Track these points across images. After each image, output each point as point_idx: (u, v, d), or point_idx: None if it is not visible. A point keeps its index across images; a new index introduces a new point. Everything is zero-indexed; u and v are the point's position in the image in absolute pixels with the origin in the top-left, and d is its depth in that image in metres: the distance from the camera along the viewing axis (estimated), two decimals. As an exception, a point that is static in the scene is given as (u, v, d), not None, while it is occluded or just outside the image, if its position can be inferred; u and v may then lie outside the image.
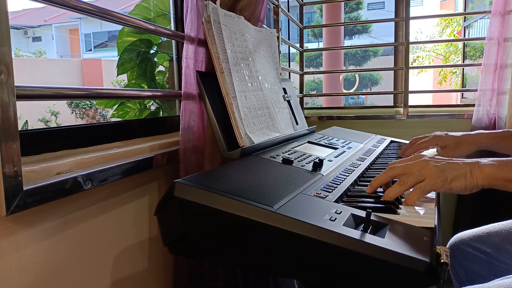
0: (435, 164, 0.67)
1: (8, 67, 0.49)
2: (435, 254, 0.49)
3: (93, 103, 9.66)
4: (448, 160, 0.68)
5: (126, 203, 0.80)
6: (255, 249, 0.57)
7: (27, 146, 0.65)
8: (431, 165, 0.66)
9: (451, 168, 0.66)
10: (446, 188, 0.65)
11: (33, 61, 12.28)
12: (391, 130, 1.89)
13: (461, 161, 0.67)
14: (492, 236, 0.90)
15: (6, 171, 0.49)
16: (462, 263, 0.93)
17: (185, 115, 0.87)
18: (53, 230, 0.62)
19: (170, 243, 0.64)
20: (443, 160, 0.68)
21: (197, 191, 0.56)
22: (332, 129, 1.41)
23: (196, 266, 0.92)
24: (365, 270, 0.51)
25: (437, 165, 0.66)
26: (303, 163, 0.83)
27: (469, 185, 0.65)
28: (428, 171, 0.65)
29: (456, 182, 0.65)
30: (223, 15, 0.96)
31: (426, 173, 0.65)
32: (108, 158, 0.73)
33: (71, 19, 15.31)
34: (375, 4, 15.58)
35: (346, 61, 12.90)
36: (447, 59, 8.97)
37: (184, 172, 0.86)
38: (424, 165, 0.67)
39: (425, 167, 0.66)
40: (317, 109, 2.38)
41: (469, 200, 1.69)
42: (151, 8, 1.40)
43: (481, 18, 3.03)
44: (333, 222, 0.53)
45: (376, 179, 0.69)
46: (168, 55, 1.36)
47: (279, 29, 1.53)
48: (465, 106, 1.93)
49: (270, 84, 1.15)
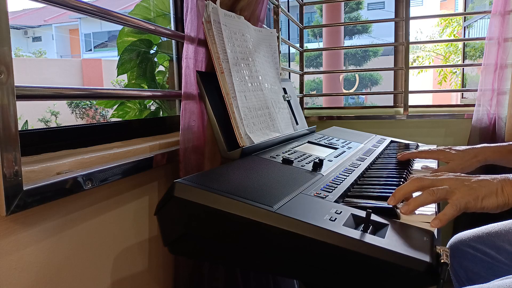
0: (464, 181, 0.64)
1: (8, 67, 0.49)
2: (435, 254, 0.49)
3: (93, 103, 9.66)
4: (475, 177, 0.65)
5: (126, 203, 0.80)
6: (255, 249, 0.57)
7: (27, 146, 0.65)
8: (461, 182, 0.64)
9: (482, 186, 0.63)
10: (478, 207, 0.62)
11: (33, 61, 12.27)
12: (391, 130, 1.89)
13: (490, 178, 0.65)
14: (492, 237, 0.90)
15: (6, 171, 0.49)
16: (462, 263, 0.93)
17: (185, 115, 0.87)
18: (53, 230, 0.62)
19: (170, 243, 0.64)
20: (471, 177, 0.66)
21: (197, 191, 0.56)
22: (332, 129, 1.41)
23: (196, 266, 0.92)
24: (365, 270, 0.51)
25: (466, 183, 0.63)
26: (303, 163, 0.83)
27: (501, 203, 0.62)
28: (459, 187, 0.62)
29: (488, 200, 0.62)
30: (223, 15, 0.96)
31: (457, 189, 0.62)
32: (108, 158, 0.73)
33: (71, 19, 15.30)
34: (375, 4, 15.58)
35: (346, 61, 12.90)
36: (447, 59, 8.97)
37: (184, 172, 0.86)
38: (454, 181, 0.64)
39: (455, 184, 0.63)
40: (317, 109, 2.38)
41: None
42: (151, 8, 1.40)
43: (481, 18, 3.03)
44: (333, 222, 0.53)
45: (402, 189, 0.64)
46: (168, 55, 1.36)
47: (279, 29, 1.53)
48: (465, 106, 1.93)
49: (270, 84, 1.15)
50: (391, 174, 0.83)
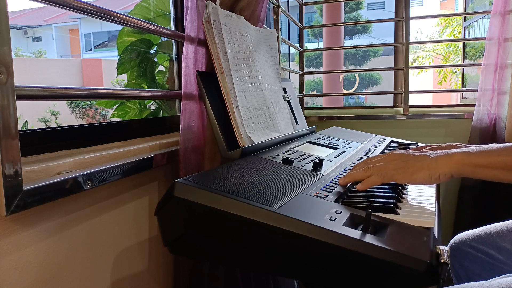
0: (400, 157, 0.67)
1: (8, 67, 0.49)
2: (435, 254, 0.49)
3: (93, 103, 9.66)
4: (420, 152, 0.68)
5: (126, 203, 0.80)
6: (255, 249, 0.57)
7: (27, 146, 0.65)
8: (396, 158, 0.67)
9: (416, 160, 0.65)
10: (407, 180, 0.65)
11: (33, 61, 12.27)
12: (391, 130, 1.89)
13: (430, 153, 0.67)
14: (493, 237, 0.90)
15: (6, 171, 0.49)
16: (463, 264, 0.92)
17: (185, 115, 0.87)
18: (53, 230, 0.62)
19: (170, 243, 0.64)
20: (415, 153, 0.68)
21: (197, 191, 0.56)
22: (332, 129, 1.41)
23: (196, 266, 0.92)
24: (365, 270, 0.51)
25: (402, 158, 0.67)
26: (303, 163, 0.83)
27: (434, 174, 0.63)
28: (392, 163, 0.66)
29: (419, 174, 0.64)
30: (223, 15, 0.96)
31: (389, 164, 0.66)
32: (108, 158, 0.73)
33: (71, 19, 15.30)
34: (375, 4, 15.57)
35: (346, 61, 12.90)
36: (447, 59, 8.97)
37: (184, 172, 0.86)
38: (391, 158, 0.68)
39: (390, 161, 0.67)
40: (317, 109, 2.38)
41: (469, 200, 1.69)
42: (151, 8, 1.40)
43: (481, 18, 3.03)
44: (333, 222, 0.53)
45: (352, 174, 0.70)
46: (168, 55, 1.36)
47: (279, 29, 1.53)
48: (465, 106, 1.93)
49: (270, 84, 1.15)
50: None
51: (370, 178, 0.66)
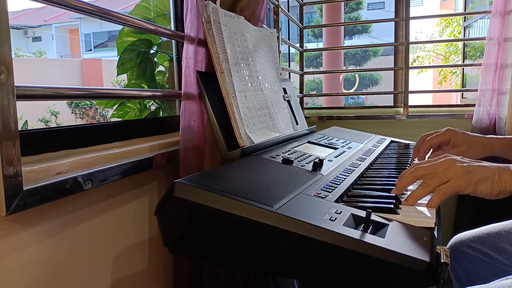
0: (461, 164, 0.63)
1: (8, 67, 0.49)
2: (435, 254, 0.49)
3: (93, 103, 9.66)
4: (476, 162, 0.64)
5: (126, 203, 0.80)
6: (255, 249, 0.57)
7: (27, 146, 0.65)
8: (457, 166, 0.62)
9: (478, 170, 0.62)
10: (470, 190, 0.61)
11: (33, 61, 12.27)
12: (391, 130, 1.89)
13: (490, 164, 0.64)
14: (492, 237, 0.90)
15: (6, 171, 0.49)
16: (462, 264, 0.92)
17: (185, 115, 0.87)
18: (53, 230, 0.62)
19: (170, 243, 0.64)
20: (471, 161, 0.65)
21: (197, 191, 0.56)
22: (332, 129, 1.41)
23: (196, 266, 0.92)
24: (365, 270, 0.51)
25: (463, 166, 0.62)
26: (303, 163, 0.83)
27: (496, 189, 0.61)
28: (453, 172, 0.62)
29: (482, 185, 0.61)
30: (223, 15, 0.96)
31: (450, 174, 0.61)
32: (108, 158, 0.73)
33: (71, 19, 15.30)
34: (375, 4, 15.58)
35: (346, 61, 12.90)
36: (447, 59, 8.97)
37: (184, 172, 0.86)
38: (450, 165, 0.63)
39: (450, 167, 0.62)
40: (317, 109, 2.38)
41: (469, 200, 1.69)
42: (151, 8, 1.40)
43: (481, 18, 3.03)
44: (333, 222, 0.53)
45: (402, 181, 0.65)
46: (168, 55, 1.36)
47: (279, 29, 1.53)
48: (465, 106, 1.93)
49: (270, 84, 1.15)
50: (391, 174, 0.83)
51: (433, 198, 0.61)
